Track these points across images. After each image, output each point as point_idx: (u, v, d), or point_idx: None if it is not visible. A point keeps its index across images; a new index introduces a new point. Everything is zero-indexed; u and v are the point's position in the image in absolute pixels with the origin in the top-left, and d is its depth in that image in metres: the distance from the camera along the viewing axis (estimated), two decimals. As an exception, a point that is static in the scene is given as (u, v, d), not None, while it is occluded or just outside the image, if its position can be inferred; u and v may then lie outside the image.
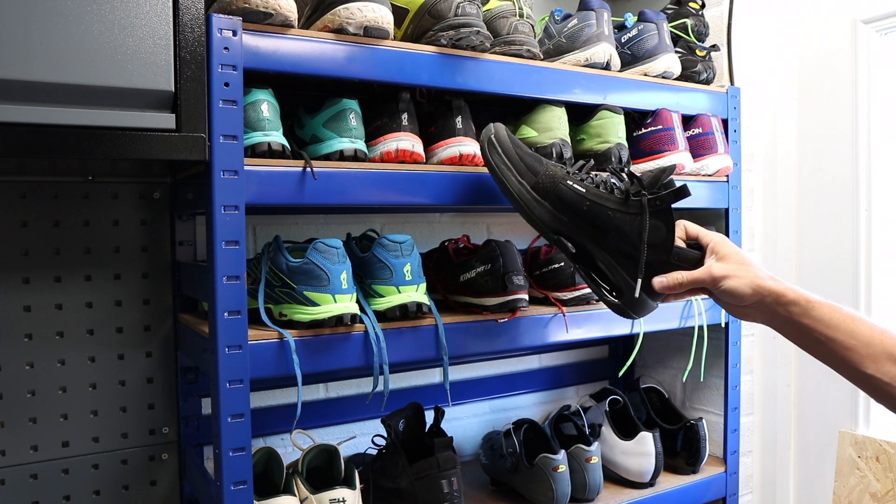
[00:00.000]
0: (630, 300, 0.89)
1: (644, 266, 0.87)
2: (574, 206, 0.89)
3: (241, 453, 0.87)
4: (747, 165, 1.43)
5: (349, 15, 0.91)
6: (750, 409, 1.48)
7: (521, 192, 0.93)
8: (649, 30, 1.24)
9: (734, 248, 0.84)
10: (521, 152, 0.94)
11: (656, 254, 0.86)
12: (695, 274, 0.84)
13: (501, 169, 0.94)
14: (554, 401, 1.58)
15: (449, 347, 1.00)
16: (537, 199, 0.92)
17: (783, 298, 0.78)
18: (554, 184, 0.90)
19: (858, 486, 1.34)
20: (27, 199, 1.05)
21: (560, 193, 0.90)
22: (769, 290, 0.79)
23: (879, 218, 1.37)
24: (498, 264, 1.04)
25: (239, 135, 0.85)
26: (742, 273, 0.81)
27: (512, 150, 0.94)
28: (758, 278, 0.80)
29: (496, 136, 0.95)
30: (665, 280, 0.86)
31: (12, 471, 1.04)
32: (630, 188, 0.87)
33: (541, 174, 0.92)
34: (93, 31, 0.76)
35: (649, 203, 0.86)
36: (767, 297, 0.79)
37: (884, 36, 1.36)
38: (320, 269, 0.91)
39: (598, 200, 0.88)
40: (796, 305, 0.78)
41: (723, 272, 0.82)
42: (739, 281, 0.80)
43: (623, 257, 0.88)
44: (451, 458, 1.09)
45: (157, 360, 1.14)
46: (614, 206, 0.88)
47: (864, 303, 1.37)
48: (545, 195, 0.91)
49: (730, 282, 0.81)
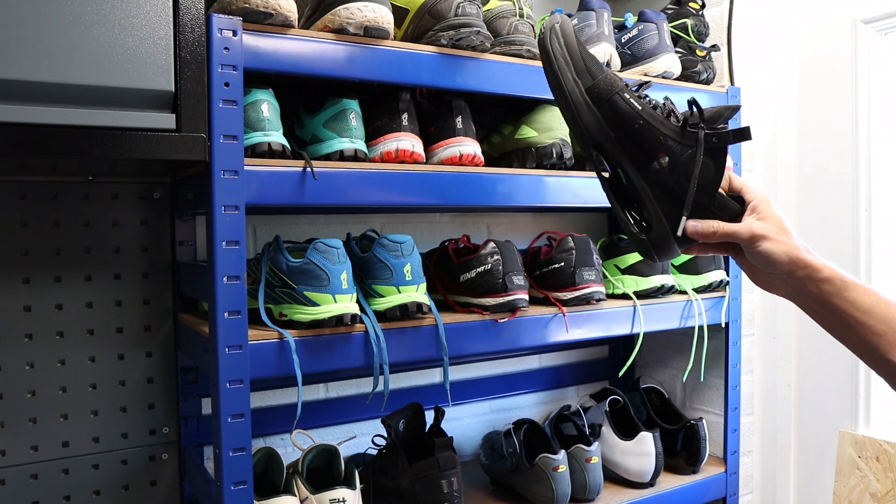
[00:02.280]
0: (658, 238, 0.82)
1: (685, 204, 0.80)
2: (626, 121, 0.82)
3: (241, 453, 0.87)
4: (747, 165, 1.43)
5: (349, 15, 0.91)
6: (750, 409, 1.48)
7: (574, 91, 0.84)
8: (649, 30, 1.24)
9: (777, 213, 0.79)
10: (584, 51, 0.86)
11: (698, 195, 0.80)
12: (733, 227, 0.79)
13: (559, 61, 0.85)
14: (554, 401, 1.58)
15: (449, 347, 1.00)
16: (589, 104, 0.84)
17: (818, 274, 0.75)
18: (611, 91, 0.83)
19: (858, 486, 1.34)
20: (27, 199, 1.05)
21: (614, 104, 0.82)
22: (805, 262, 0.75)
23: (879, 218, 1.37)
24: (498, 264, 1.04)
25: (239, 135, 0.85)
26: (782, 238, 0.77)
27: (575, 45, 0.85)
28: (795, 248, 0.76)
29: (562, 26, 0.86)
30: (700, 225, 0.80)
31: (12, 471, 1.04)
32: (689, 118, 0.80)
33: (599, 78, 0.84)
34: (93, 31, 0.76)
35: (706, 138, 0.79)
36: (802, 269, 0.75)
37: (884, 36, 1.36)
38: (320, 269, 0.91)
39: (652, 122, 0.81)
40: (830, 284, 0.74)
41: (762, 231, 0.77)
42: (777, 245, 0.76)
43: (663, 190, 0.81)
44: (451, 458, 1.09)
45: (157, 360, 1.14)
46: (668, 131, 0.80)
47: (864, 303, 1.37)
48: (598, 101, 0.83)
49: (767, 244, 0.77)
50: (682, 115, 0.81)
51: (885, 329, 0.71)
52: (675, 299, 1.27)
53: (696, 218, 0.81)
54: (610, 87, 0.83)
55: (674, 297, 1.28)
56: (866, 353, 0.74)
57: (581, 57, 0.85)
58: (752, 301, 1.46)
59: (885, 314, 0.72)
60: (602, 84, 0.83)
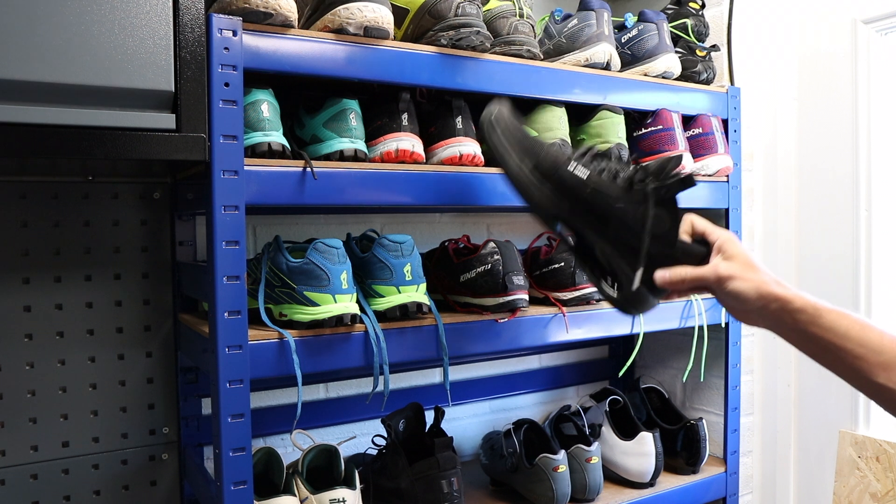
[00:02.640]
0: (630, 294, 0.85)
1: (646, 258, 0.83)
2: (575, 191, 0.85)
3: (241, 453, 0.87)
4: (747, 165, 1.43)
5: (349, 15, 0.91)
6: (750, 409, 1.48)
7: (521, 173, 0.88)
8: (649, 30, 1.24)
9: (742, 249, 0.81)
10: (522, 134, 0.90)
11: (659, 246, 0.82)
12: (699, 271, 0.81)
13: (500, 149, 0.90)
14: (554, 401, 1.58)
15: (449, 347, 1.00)
16: (537, 183, 0.87)
17: (789, 305, 0.75)
18: (555, 167, 0.86)
19: (858, 486, 1.34)
20: (27, 199, 1.05)
21: (561, 177, 0.86)
22: (775, 295, 0.76)
23: (879, 218, 1.37)
24: (498, 264, 1.04)
25: (239, 135, 0.85)
26: (748, 276, 0.78)
27: (511, 131, 0.89)
28: (764, 283, 0.77)
29: (496, 117, 0.91)
30: (667, 275, 0.82)
31: (12, 471, 1.04)
32: (635, 176, 0.83)
33: (541, 157, 0.87)
34: (93, 31, 0.76)
35: (654, 192, 0.82)
36: (773, 303, 0.76)
37: (884, 36, 1.36)
38: (320, 269, 0.91)
39: (600, 188, 0.84)
40: (803, 313, 0.75)
41: (728, 272, 0.79)
42: (745, 283, 0.78)
43: (625, 248, 0.84)
44: (451, 458, 1.09)
45: (157, 360, 1.14)
46: (617, 193, 0.83)
47: (864, 302, 1.37)
48: (546, 178, 0.87)
49: (735, 283, 0.78)
50: (629, 175, 0.84)
51: (864, 352, 0.71)
52: (675, 299, 1.26)
53: (663, 267, 0.83)
54: (554, 164, 0.87)
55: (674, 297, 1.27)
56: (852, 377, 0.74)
57: (519, 141, 0.89)
58: (752, 301, 1.46)
59: (862, 337, 0.72)
60: (545, 162, 0.87)
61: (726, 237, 0.82)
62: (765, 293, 0.77)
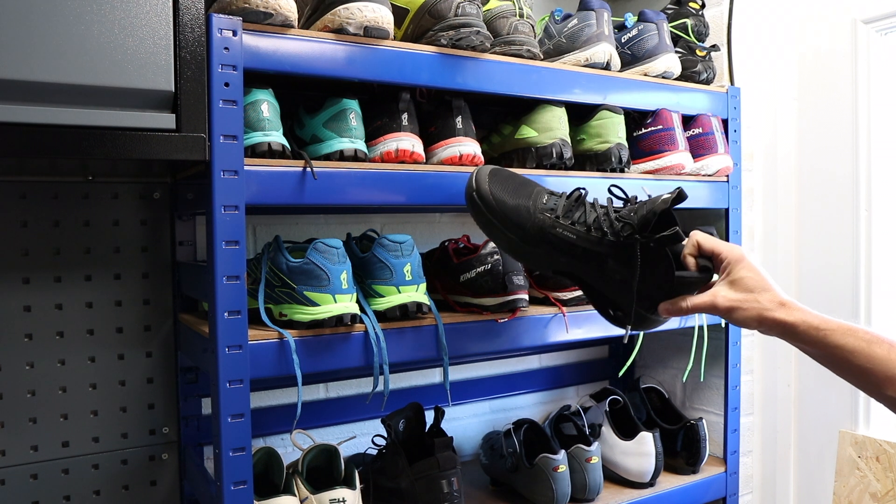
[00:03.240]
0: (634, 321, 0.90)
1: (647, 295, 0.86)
2: (568, 251, 0.89)
3: (241, 453, 0.87)
4: (747, 165, 1.43)
5: (349, 15, 0.91)
6: (750, 409, 1.48)
7: (513, 245, 0.92)
8: (649, 30, 1.24)
9: (748, 272, 0.80)
10: (506, 206, 0.92)
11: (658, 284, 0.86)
12: (699, 303, 0.83)
13: (487, 229, 0.94)
14: (554, 401, 1.58)
15: (449, 347, 1.00)
16: (530, 248, 0.91)
17: (792, 329, 0.76)
18: (543, 234, 0.90)
19: (858, 486, 1.34)
20: (27, 199, 1.05)
21: (550, 241, 0.90)
22: (776, 322, 0.77)
23: (879, 218, 1.37)
24: (498, 264, 1.04)
25: (239, 135, 0.85)
26: (748, 305, 0.78)
27: (494, 204, 0.92)
28: (765, 310, 0.77)
29: (478, 193, 0.93)
30: (670, 306, 0.86)
31: (12, 471, 1.04)
32: (621, 231, 0.86)
33: (528, 228, 0.90)
34: (93, 31, 0.76)
35: (641, 247, 0.85)
36: (774, 328, 0.77)
37: (884, 36, 1.36)
38: (320, 269, 0.91)
39: (590, 247, 0.88)
40: (806, 335, 0.76)
41: (727, 304, 0.80)
42: (744, 314, 0.79)
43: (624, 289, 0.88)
44: (451, 458, 1.09)
45: (157, 360, 1.14)
46: (607, 250, 0.87)
47: (864, 303, 1.37)
48: (536, 244, 0.91)
49: (734, 314, 0.80)
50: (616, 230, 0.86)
51: (871, 367, 0.73)
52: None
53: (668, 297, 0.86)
54: (541, 232, 0.90)
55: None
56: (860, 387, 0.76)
57: (504, 213, 0.92)
58: (752, 301, 1.46)
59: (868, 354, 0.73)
60: (532, 232, 0.90)
61: (734, 258, 0.82)
62: (766, 320, 0.78)
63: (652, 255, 0.85)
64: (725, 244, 0.84)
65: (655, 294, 0.86)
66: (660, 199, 0.85)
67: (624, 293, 0.88)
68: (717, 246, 0.84)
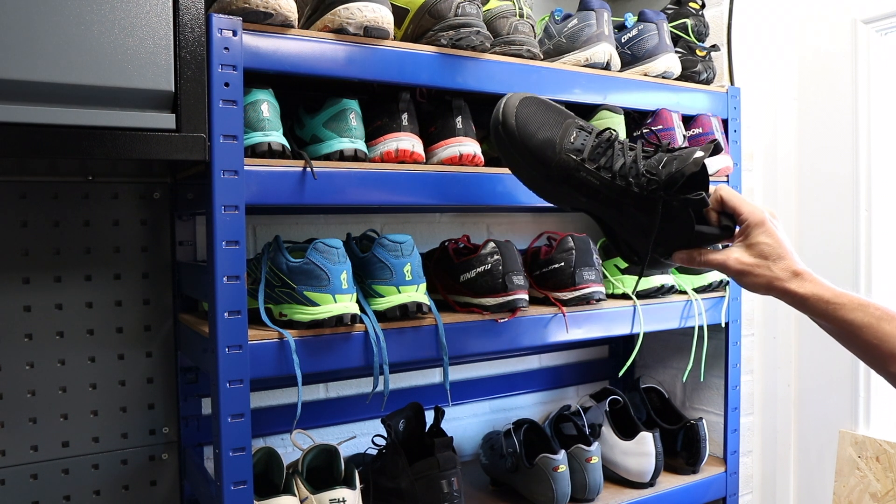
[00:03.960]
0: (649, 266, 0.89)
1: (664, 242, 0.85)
2: (590, 193, 0.87)
3: (241, 453, 0.87)
4: (747, 165, 1.43)
5: (349, 15, 0.91)
6: (750, 409, 1.48)
7: (535, 180, 0.90)
8: (649, 30, 1.24)
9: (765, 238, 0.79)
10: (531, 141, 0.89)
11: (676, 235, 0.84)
12: (712, 259, 0.82)
13: (510, 162, 0.92)
14: (554, 401, 1.58)
15: (449, 347, 1.00)
16: (552, 185, 0.89)
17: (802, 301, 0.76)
18: (566, 175, 0.88)
19: (858, 486, 1.34)
20: (27, 199, 1.05)
21: (574, 184, 0.88)
22: (786, 292, 0.77)
23: (879, 218, 1.37)
24: (498, 264, 1.04)
25: (239, 135, 0.85)
26: (759, 272, 0.78)
27: (520, 141, 0.89)
28: (776, 279, 0.77)
29: (503, 126, 0.90)
30: (685, 255, 0.85)
31: (12, 471, 1.04)
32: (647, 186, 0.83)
33: (552, 166, 0.88)
34: (93, 31, 0.76)
35: (664, 204, 0.83)
36: (784, 297, 0.78)
37: (884, 36, 1.36)
38: (320, 269, 0.91)
39: (612, 195, 0.86)
40: (816, 308, 0.76)
41: (738, 267, 0.79)
42: (755, 280, 0.79)
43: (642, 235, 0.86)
44: (451, 458, 1.09)
45: (157, 360, 1.14)
46: (630, 200, 0.85)
47: (864, 303, 1.37)
48: (560, 183, 0.89)
49: (744, 278, 0.80)
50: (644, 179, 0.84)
51: (876, 343, 0.73)
52: (675, 299, 1.27)
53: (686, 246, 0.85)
54: (565, 172, 0.88)
55: (674, 297, 1.28)
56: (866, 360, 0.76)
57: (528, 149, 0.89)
58: (752, 301, 1.46)
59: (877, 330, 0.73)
60: (556, 171, 0.88)
61: (754, 221, 0.80)
62: (776, 289, 0.78)
63: (674, 212, 0.83)
64: (748, 205, 0.82)
65: (673, 243, 0.85)
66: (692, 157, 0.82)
67: (641, 238, 0.87)
68: (739, 205, 0.82)
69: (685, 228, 0.84)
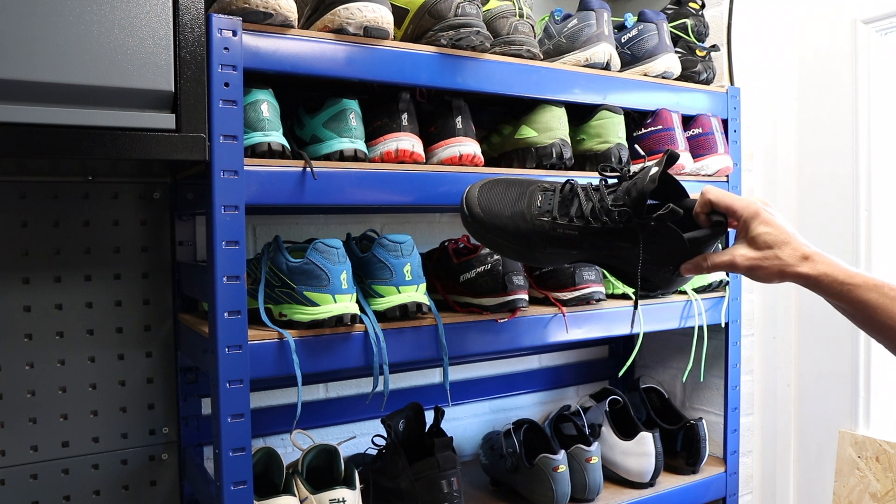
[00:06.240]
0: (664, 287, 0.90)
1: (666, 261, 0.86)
2: (575, 244, 0.89)
3: (241, 453, 0.87)
4: (747, 165, 1.43)
5: (349, 15, 0.91)
6: (750, 409, 1.48)
7: (522, 253, 0.92)
8: (649, 30, 1.24)
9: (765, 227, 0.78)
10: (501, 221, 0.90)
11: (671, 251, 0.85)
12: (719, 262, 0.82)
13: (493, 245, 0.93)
14: (554, 401, 1.58)
15: (449, 347, 1.00)
16: (539, 252, 0.91)
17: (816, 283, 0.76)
18: (547, 237, 0.89)
19: (858, 486, 1.34)
20: (27, 199, 1.05)
21: (557, 243, 0.89)
22: (798, 276, 0.76)
23: (879, 218, 1.37)
24: (498, 264, 1.04)
25: (239, 135, 0.85)
26: (768, 262, 0.77)
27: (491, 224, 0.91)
28: (786, 266, 0.77)
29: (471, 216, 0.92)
30: (691, 267, 0.84)
31: (12, 471, 1.04)
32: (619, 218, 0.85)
33: (530, 235, 0.90)
34: (93, 31, 0.76)
35: (642, 228, 0.84)
36: (796, 280, 0.77)
37: (884, 36, 1.36)
38: (320, 269, 0.91)
39: (594, 238, 0.87)
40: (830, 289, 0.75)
41: (746, 263, 0.79)
42: (765, 271, 0.78)
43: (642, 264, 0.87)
44: (451, 458, 1.09)
45: (157, 360, 1.14)
46: (613, 238, 0.86)
47: (864, 303, 1.37)
48: (544, 247, 0.90)
49: (755, 273, 0.79)
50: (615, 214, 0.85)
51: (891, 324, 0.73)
52: (675, 299, 1.27)
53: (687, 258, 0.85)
54: (543, 236, 0.89)
55: (673, 297, 1.28)
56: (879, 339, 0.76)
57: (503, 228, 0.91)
58: (752, 301, 1.46)
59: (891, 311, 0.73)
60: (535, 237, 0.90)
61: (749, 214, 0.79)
62: (788, 275, 0.77)
63: (656, 230, 0.84)
64: (740, 200, 0.81)
65: (673, 258, 0.86)
66: (648, 175, 0.83)
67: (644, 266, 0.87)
68: (731, 203, 0.81)
69: (675, 242, 0.84)
